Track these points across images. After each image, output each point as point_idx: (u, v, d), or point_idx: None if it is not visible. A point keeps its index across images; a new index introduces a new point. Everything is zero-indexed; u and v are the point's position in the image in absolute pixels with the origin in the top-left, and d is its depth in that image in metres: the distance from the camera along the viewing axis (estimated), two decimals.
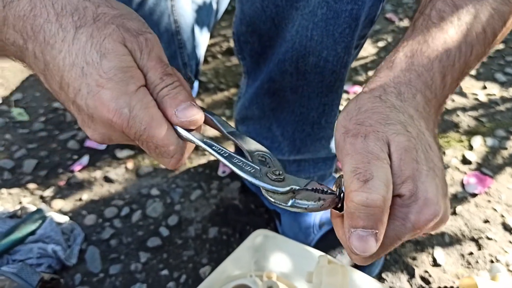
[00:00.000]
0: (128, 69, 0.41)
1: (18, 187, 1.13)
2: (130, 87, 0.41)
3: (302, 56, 0.71)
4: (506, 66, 1.55)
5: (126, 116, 0.41)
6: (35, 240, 0.94)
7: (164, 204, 1.09)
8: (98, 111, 0.41)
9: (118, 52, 0.41)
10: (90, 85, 0.41)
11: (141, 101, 0.41)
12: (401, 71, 0.47)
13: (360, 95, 0.46)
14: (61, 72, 0.41)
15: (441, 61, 0.48)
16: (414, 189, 0.40)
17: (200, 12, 1.15)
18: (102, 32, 0.41)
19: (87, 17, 0.41)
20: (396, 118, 0.43)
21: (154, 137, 0.42)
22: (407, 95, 0.46)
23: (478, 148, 1.23)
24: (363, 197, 0.38)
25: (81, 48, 0.40)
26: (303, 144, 0.85)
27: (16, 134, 1.28)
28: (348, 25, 0.65)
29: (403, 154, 0.41)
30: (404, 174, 0.40)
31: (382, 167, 0.39)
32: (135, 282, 0.93)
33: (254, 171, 0.43)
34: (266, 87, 0.80)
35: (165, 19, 0.95)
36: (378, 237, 0.39)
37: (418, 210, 0.40)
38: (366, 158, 0.40)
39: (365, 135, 0.41)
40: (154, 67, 0.43)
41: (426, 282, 0.93)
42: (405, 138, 0.41)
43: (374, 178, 0.38)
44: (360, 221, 0.38)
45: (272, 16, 0.70)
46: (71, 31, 0.41)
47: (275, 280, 0.74)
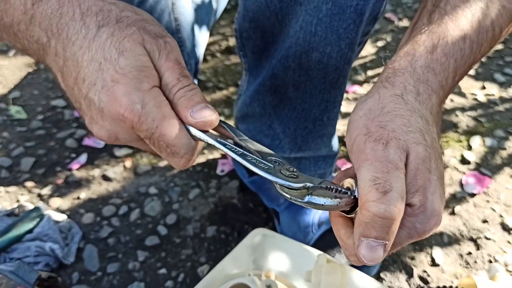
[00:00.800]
0: (144, 68, 0.42)
1: (15, 185, 1.13)
2: (144, 85, 0.42)
3: (305, 52, 0.70)
4: (505, 66, 1.55)
5: (138, 112, 0.41)
6: (32, 238, 0.94)
7: (162, 202, 1.09)
8: (111, 105, 0.42)
9: (136, 51, 0.42)
10: (105, 79, 0.42)
11: (154, 99, 0.42)
12: (421, 68, 0.47)
13: (380, 90, 0.46)
14: (79, 67, 0.42)
15: (456, 60, 0.48)
16: (423, 200, 0.41)
17: (199, 11, 1.15)
18: (123, 32, 0.42)
19: (111, 17, 0.43)
20: (416, 125, 0.43)
21: (166, 136, 0.43)
22: (424, 96, 0.46)
23: (477, 148, 1.23)
24: (381, 209, 0.38)
25: (101, 45, 0.42)
26: (304, 141, 0.85)
27: (14, 132, 1.28)
28: (353, 20, 0.65)
29: (420, 164, 0.41)
30: (417, 184, 0.41)
31: (400, 177, 0.40)
32: (133, 280, 0.93)
33: (268, 168, 0.43)
34: (268, 84, 0.80)
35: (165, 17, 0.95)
36: (386, 248, 0.39)
37: (425, 220, 0.41)
38: (386, 167, 0.40)
39: (387, 142, 0.41)
40: (172, 68, 0.44)
41: (425, 282, 0.93)
42: (423, 149, 0.42)
43: (393, 190, 0.38)
44: (373, 232, 0.39)
45: (276, 12, 0.70)
46: (93, 29, 0.42)
47: (273, 279, 0.74)
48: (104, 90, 0.42)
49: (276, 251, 0.81)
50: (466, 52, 0.49)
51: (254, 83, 0.84)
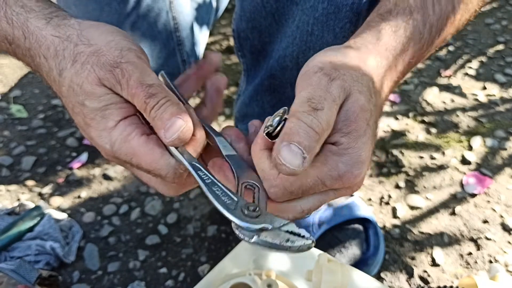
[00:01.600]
0: (107, 107, 0.44)
1: (16, 184, 1.13)
2: (109, 123, 0.44)
3: (302, 51, 0.70)
4: (506, 67, 1.55)
5: (110, 151, 0.44)
6: (33, 237, 0.94)
7: (163, 202, 1.09)
8: (93, 143, 0.46)
9: (96, 94, 0.44)
10: (80, 123, 0.46)
11: (120, 135, 0.44)
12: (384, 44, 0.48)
13: (347, 48, 0.47)
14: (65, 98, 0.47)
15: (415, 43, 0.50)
16: (353, 143, 0.41)
17: (199, 10, 1.15)
18: (80, 76, 0.44)
19: (66, 59, 0.45)
20: (367, 83, 0.44)
21: (142, 163, 0.44)
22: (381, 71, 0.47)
23: (477, 148, 1.23)
24: (309, 118, 0.39)
25: (66, 91, 0.45)
26: None
27: (14, 131, 1.28)
28: (349, 19, 0.65)
29: (358, 111, 0.42)
30: (351, 126, 0.42)
31: (333, 108, 0.41)
32: (134, 279, 0.93)
33: (229, 203, 0.40)
34: (266, 84, 0.80)
35: (163, 16, 0.95)
36: (305, 162, 0.38)
37: (349, 163, 0.41)
38: (324, 95, 0.41)
39: (334, 78, 0.42)
40: (136, 94, 0.43)
41: (425, 282, 0.93)
42: (365, 99, 0.43)
43: (323, 110, 0.40)
44: (297, 137, 0.38)
45: (272, 12, 0.70)
46: (56, 75, 0.45)
47: (274, 278, 0.74)
48: (84, 131, 0.46)
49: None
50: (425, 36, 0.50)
51: (253, 83, 0.84)
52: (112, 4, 0.87)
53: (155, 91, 0.44)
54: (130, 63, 0.44)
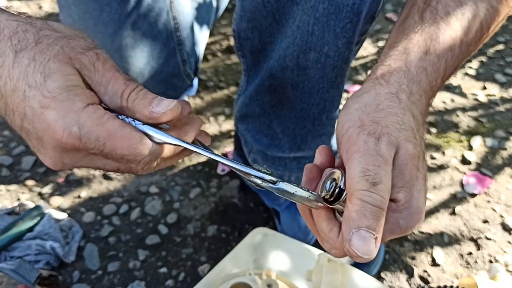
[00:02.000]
0: (74, 88, 0.39)
1: (16, 184, 1.13)
2: (76, 104, 0.39)
3: (303, 51, 0.70)
4: (506, 66, 1.55)
5: (77, 135, 0.39)
6: (33, 237, 0.94)
7: (163, 202, 1.09)
8: (47, 133, 0.39)
9: (64, 71, 0.39)
10: (33, 107, 0.38)
11: (91, 117, 0.39)
12: (415, 68, 0.48)
13: (377, 86, 0.46)
14: (5, 98, 0.39)
15: (447, 61, 0.49)
16: (409, 196, 0.41)
17: (199, 10, 1.15)
18: (46, 54, 0.39)
19: (28, 39, 0.40)
20: (408, 123, 0.44)
21: (117, 149, 0.40)
22: (416, 97, 0.47)
23: (477, 148, 1.23)
24: (372, 197, 0.38)
25: (22, 72, 0.39)
26: (303, 141, 0.85)
27: (14, 131, 1.28)
28: (350, 20, 0.65)
29: (409, 161, 0.42)
30: (404, 179, 0.42)
31: (388, 172, 0.40)
32: (134, 279, 0.93)
33: (240, 164, 0.43)
34: (266, 84, 0.80)
35: (163, 15, 0.95)
36: (377, 242, 0.39)
37: (409, 217, 0.41)
38: (377, 161, 0.40)
39: (379, 136, 0.42)
40: (114, 76, 0.42)
41: (425, 282, 0.93)
42: (412, 146, 0.42)
43: (382, 182, 0.39)
44: (365, 221, 0.38)
45: (273, 12, 0.70)
46: (10, 55, 0.39)
47: (274, 278, 0.74)
48: (36, 119, 0.38)
49: (277, 250, 0.81)
50: (456, 52, 0.49)
51: (253, 83, 0.84)
52: (113, 4, 0.87)
53: (131, 78, 0.43)
54: (104, 51, 0.43)
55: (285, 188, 0.42)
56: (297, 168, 0.90)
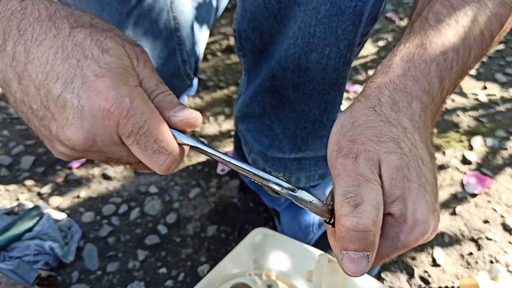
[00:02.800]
0: (128, 68, 0.42)
1: (15, 184, 1.12)
2: (130, 80, 0.41)
3: (304, 53, 0.70)
4: (507, 66, 1.55)
5: (127, 106, 0.39)
6: (32, 237, 0.93)
7: (162, 202, 1.08)
8: (93, 101, 0.39)
9: (120, 52, 0.41)
10: (86, 75, 0.39)
11: (141, 95, 0.41)
12: (397, 77, 0.46)
13: (354, 104, 0.46)
14: (50, 66, 0.39)
15: (439, 64, 0.47)
16: (404, 209, 0.41)
17: (199, 9, 1.14)
18: (102, 34, 0.41)
19: (84, 21, 0.42)
20: (388, 134, 0.43)
21: (155, 130, 0.41)
22: (402, 104, 0.45)
23: (478, 148, 1.23)
24: (353, 222, 0.38)
25: (78, 43, 0.40)
26: (304, 142, 0.85)
27: (13, 130, 1.27)
28: (352, 22, 0.65)
29: (394, 174, 0.41)
30: (395, 193, 0.41)
31: (372, 189, 0.40)
32: (133, 280, 0.93)
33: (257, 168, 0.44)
34: (267, 85, 0.80)
35: (164, 15, 0.94)
36: (370, 258, 0.39)
37: (408, 230, 0.41)
38: (356, 181, 0.40)
39: (356, 155, 0.41)
40: (150, 75, 0.44)
41: (426, 282, 0.93)
42: (396, 157, 0.41)
43: (364, 202, 0.39)
44: (351, 245, 0.39)
45: (274, 13, 0.70)
46: (66, 29, 0.40)
47: (274, 278, 0.74)
48: (85, 86, 0.39)
49: (277, 250, 0.81)
50: (449, 55, 0.48)
51: (254, 83, 0.84)
52: (113, 4, 0.87)
53: (163, 82, 0.45)
54: (145, 51, 0.45)
55: (303, 197, 0.42)
56: (297, 169, 0.90)
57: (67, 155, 0.44)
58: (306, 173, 0.90)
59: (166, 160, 0.43)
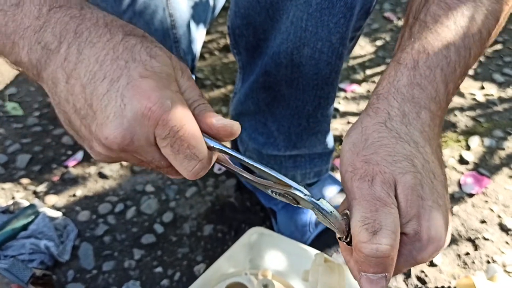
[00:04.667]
0: (172, 75, 0.43)
1: (11, 182, 1.12)
2: (173, 86, 0.42)
3: (297, 47, 0.70)
4: (504, 66, 1.55)
5: (168, 107, 0.40)
6: (27, 236, 0.93)
7: (159, 201, 1.08)
8: (136, 100, 0.39)
9: (166, 60, 0.43)
10: (132, 76, 0.40)
11: (181, 101, 0.42)
12: (404, 86, 0.47)
13: (364, 119, 0.46)
14: (99, 65, 0.40)
15: (443, 69, 0.48)
16: (418, 228, 0.41)
17: (196, 8, 1.14)
18: (153, 43, 0.43)
19: (137, 32, 0.44)
20: (402, 152, 0.43)
21: (191, 135, 0.41)
22: (412, 116, 0.46)
23: (475, 148, 1.23)
24: (373, 249, 0.39)
25: (129, 48, 0.41)
26: (298, 138, 0.85)
27: (10, 128, 1.27)
28: (343, 15, 0.65)
29: (409, 194, 0.42)
30: (410, 213, 0.41)
31: (390, 213, 0.40)
32: (129, 279, 0.92)
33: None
34: (261, 81, 0.80)
35: (159, 12, 0.94)
36: (388, 277, 0.40)
37: (422, 248, 0.42)
38: (374, 206, 0.40)
39: (372, 178, 0.42)
40: (192, 87, 0.45)
41: (422, 282, 0.93)
42: (411, 177, 0.42)
43: (382, 228, 0.39)
44: (370, 269, 0.40)
45: (266, 7, 0.70)
46: (119, 35, 0.42)
47: (270, 278, 0.73)
48: (130, 86, 0.40)
49: (273, 250, 0.81)
50: (452, 58, 0.48)
51: (248, 80, 0.84)
52: (108, 1, 0.86)
53: (204, 96, 0.47)
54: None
55: (324, 207, 0.42)
56: (293, 167, 0.90)
57: (104, 156, 0.44)
58: (301, 171, 0.90)
59: (196, 166, 0.43)
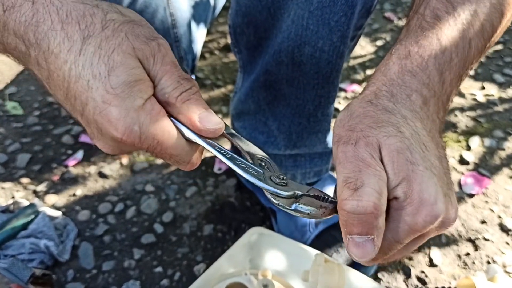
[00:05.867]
0: (136, 83, 0.40)
1: (11, 182, 1.12)
2: (137, 101, 0.40)
3: (297, 46, 0.70)
4: (505, 67, 1.55)
5: (137, 134, 0.40)
6: (27, 235, 0.93)
7: (159, 200, 1.08)
8: (107, 129, 0.40)
9: (127, 65, 0.40)
10: (96, 100, 0.39)
11: (149, 115, 0.40)
12: (395, 74, 0.46)
13: (352, 101, 0.46)
14: (67, 83, 0.40)
15: (437, 58, 0.47)
16: (408, 191, 0.39)
17: (197, 7, 1.14)
18: (111, 43, 0.39)
19: (96, 24, 0.40)
20: (387, 120, 0.42)
21: (168, 149, 0.42)
22: (401, 96, 0.45)
23: (475, 148, 1.23)
24: (353, 204, 0.38)
25: (88, 60, 0.39)
26: (299, 138, 0.85)
27: (10, 128, 1.27)
28: (344, 13, 0.65)
29: (395, 157, 0.40)
30: (399, 176, 0.40)
31: (373, 174, 0.39)
32: (129, 279, 0.92)
33: (257, 174, 0.43)
34: (262, 80, 0.79)
35: (160, 12, 0.94)
36: (375, 242, 0.39)
37: (414, 212, 0.39)
38: (357, 166, 0.40)
39: (356, 141, 0.41)
40: (170, 71, 0.42)
41: (423, 283, 0.92)
42: (396, 140, 0.41)
43: (364, 185, 0.38)
44: (353, 228, 0.39)
45: (268, 6, 0.69)
46: (78, 41, 0.39)
47: (270, 278, 0.73)
48: (97, 112, 0.39)
49: (273, 250, 0.81)
50: (448, 48, 0.48)
51: (249, 79, 0.84)
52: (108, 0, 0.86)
53: (187, 76, 0.43)
54: (165, 42, 0.43)
55: (299, 209, 0.42)
56: (293, 166, 0.90)
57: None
58: (301, 170, 0.90)
59: (186, 167, 0.45)
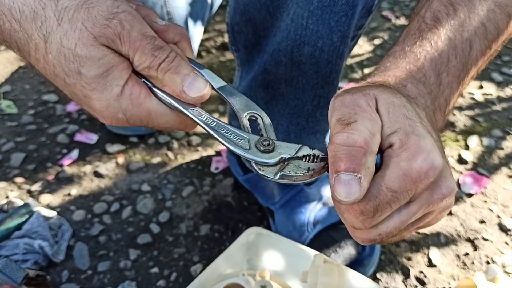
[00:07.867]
0: (108, 72, 0.40)
1: (5, 181, 1.10)
2: (114, 90, 0.41)
3: (297, 46, 0.69)
4: (503, 65, 1.54)
5: (124, 119, 0.42)
6: (21, 236, 0.92)
7: (155, 200, 1.07)
8: (99, 117, 0.42)
9: (93, 58, 0.39)
10: (78, 95, 0.41)
11: (130, 100, 0.41)
12: (390, 71, 0.47)
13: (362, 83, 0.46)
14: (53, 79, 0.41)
15: (433, 59, 0.47)
16: (404, 138, 0.38)
17: (194, 6, 1.13)
18: (71, 38, 0.39)
19: (50, 18, 0.39)
20: (382, 87, 0.43)
21: (160, 124, 0.44)
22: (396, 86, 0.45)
23: (474, 147, 1.22)
24: (343, 136, 0.37)
25: (55, 59, 0.39)
26: (297, 138, 0.84)
27: (4, 127, 1.25)
28: (345, 13, 0.64)
29: (391, 108, 0.40)
30: (394, 124, 0.39)
31: (368, 117, 0.39)
32: (124, 279, 0.91)
33: (242, 142, 0.42)
34: (260, 79, 0.79)
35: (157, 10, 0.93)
36: (362, 183, 0.36)
37: (410, 157, 0.38)
38: (353, 110, 0.39)
39: (353, 92, 0.41)
40: (141, 47, 0.41)
41: (421, 283, 0.92)
42: (391, 95, 0.41)
43: (357, 122, 0.38)
44: (341, 163, 0.37)
45: (266, 4, 0.69)
46: (40, 41, 0.39)
47: (268, 279, 0.72)
48: (83, 103, 0.41)
49: (271, 250, 0.80)
50: (444, 50, 0.48)
51: (247, 78, 0.83)
52: None
53: (161, 43, 0.42)
54: (127, 13, 0.41)
55: (285, 176, 0.40)
56: None
57: None
58: None
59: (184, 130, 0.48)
